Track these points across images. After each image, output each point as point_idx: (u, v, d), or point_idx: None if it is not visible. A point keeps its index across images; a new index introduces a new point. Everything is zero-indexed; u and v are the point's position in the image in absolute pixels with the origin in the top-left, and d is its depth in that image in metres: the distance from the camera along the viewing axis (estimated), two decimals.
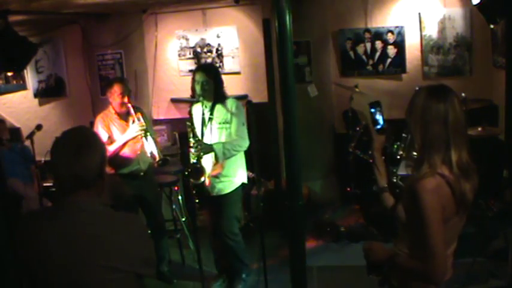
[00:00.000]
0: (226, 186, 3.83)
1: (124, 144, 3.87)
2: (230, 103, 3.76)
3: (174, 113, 6.21)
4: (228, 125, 3.73)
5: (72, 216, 1.61)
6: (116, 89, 3.88)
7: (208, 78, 3.69)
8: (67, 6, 4.51)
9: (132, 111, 3.91)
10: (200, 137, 3.74)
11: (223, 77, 3.89)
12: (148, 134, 3.87)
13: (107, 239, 1.59)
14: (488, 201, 4.90)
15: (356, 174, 5.48)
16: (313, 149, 5.60)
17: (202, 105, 3.80)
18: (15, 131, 6.21)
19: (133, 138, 3.88)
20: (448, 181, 1.80)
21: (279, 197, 5.20)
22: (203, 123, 3.80)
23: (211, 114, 3.76)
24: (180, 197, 4.85)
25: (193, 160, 3.66)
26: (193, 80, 3.75)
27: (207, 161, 3.76)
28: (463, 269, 3.67)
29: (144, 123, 3.87)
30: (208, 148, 3.63)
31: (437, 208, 1.76)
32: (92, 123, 6.19)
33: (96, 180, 1.65)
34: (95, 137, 1.73)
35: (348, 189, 5.59)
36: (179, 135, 5.77)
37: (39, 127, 4.72)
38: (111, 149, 3.83)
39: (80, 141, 1.65)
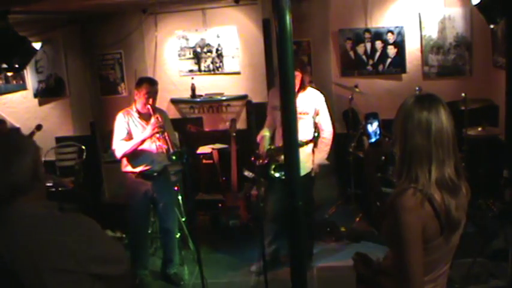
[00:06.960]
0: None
1: (140, 143, 3.89)
2: (311, 93, 3.82)
3: (174, 113, 6.20)
4: (306, 116, 3.84)
5: (15, 225, 1.57)
6: (144, 89, 3.90)
7: None
8: (67, 7, 4.51)
9: (152, 112, 3.90)
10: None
11: (223, 77, 3.87)
12: (164, 133, 3.85)
13: (53, 242, 1.56)
14: (488, 201, 4.90)
15: (356, 174, 5.48)
16: None
17: None
18: None
19: (150, 137, 3.89)
20: (429, 198, 1.63)
21: None
22: None
23: None
24: (180, 197, 4.84)
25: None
26: None
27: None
28: (463, 269, 3.68)
29: (162, 123, 3.85)
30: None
31: (416, 229, 1.61)
32: (92, 124, 6.25)
33: (33, 184, 1.61)
34: (23, 140, 1.66)
35: (348, 189, 5.59)
36: (179, 135, 5.75)
37: (39, 127, 4.72)
38: (127, 145, 3.89)
39: (6, 149, 1.60)
